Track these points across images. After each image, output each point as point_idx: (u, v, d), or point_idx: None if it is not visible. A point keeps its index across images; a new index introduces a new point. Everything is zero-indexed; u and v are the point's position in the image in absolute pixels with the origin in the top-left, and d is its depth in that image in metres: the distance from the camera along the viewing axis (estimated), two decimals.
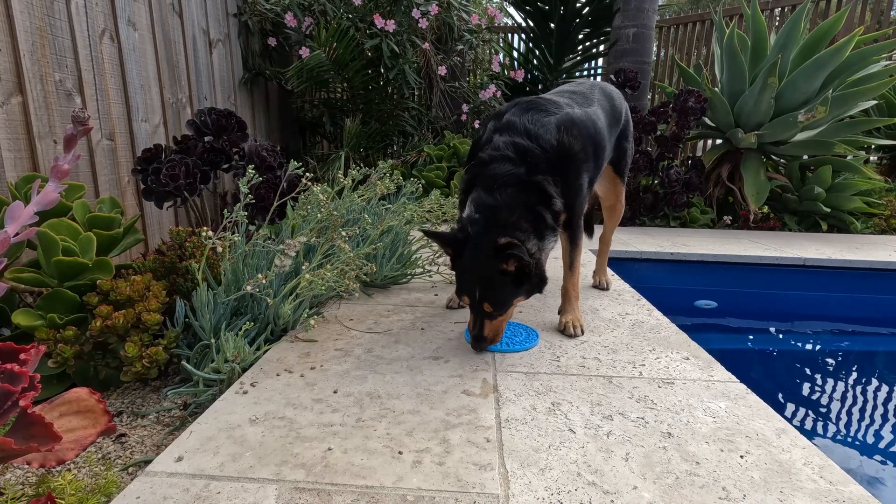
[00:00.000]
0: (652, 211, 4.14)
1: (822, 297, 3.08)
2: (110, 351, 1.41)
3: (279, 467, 0.96)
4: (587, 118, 1.63)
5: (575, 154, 1.50)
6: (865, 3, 5.20)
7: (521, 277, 1.37)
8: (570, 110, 1.57)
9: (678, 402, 1.24)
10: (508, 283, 1.38)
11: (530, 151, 1.44)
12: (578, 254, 1.72)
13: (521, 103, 1.58)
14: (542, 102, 1.57)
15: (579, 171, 1.54)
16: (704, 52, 6.20)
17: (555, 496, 0.89)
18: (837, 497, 0.90)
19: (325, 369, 1.39)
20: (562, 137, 1.48)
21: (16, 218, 0.81)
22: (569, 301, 1.73)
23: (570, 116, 1.55)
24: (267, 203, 1.94)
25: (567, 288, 1.74)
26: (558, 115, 1.52)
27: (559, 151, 1.47)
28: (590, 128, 1.61)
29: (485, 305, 1.38)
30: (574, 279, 1.73)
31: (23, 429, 0.71)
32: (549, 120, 1.50)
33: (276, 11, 3.96)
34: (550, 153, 1.45)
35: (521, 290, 1.41)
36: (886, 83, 3.72)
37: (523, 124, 1.48)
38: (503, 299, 1.40)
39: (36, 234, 1.36)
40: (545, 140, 1.46)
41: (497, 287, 1.37)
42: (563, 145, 1.48)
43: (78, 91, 2.12)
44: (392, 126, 4.53)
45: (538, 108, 1.54)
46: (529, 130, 1.47)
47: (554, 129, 1.48)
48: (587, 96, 1.77)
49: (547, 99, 1.61)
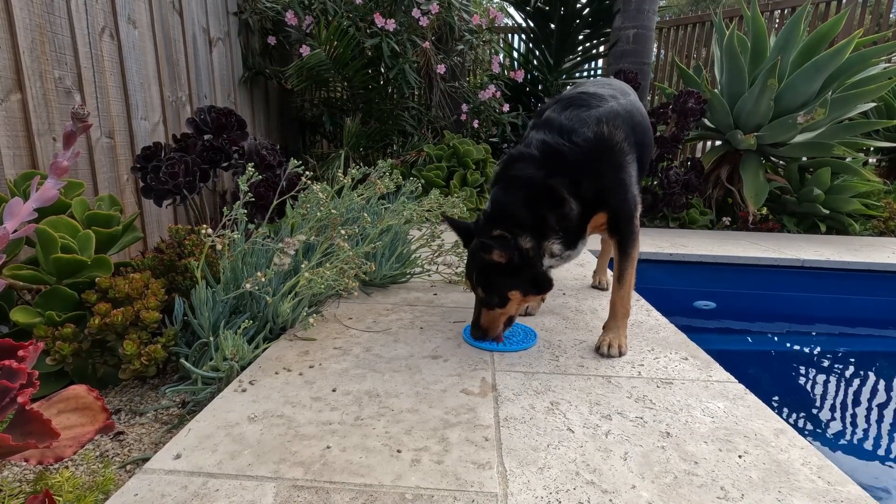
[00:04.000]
0: (651, 212, 4.14)
1: (820, 299, 3.08)
2: (108, 349, 1.41)
3: (278, 465, 0.96)
4: (632, 107, 1.61)
5: (615, 145, 1.45)
6: (865, 6, 5.21)
7: (511, 270, 1.40)
8: (615, 102, 1.55)
9: (677, 401, 1.24)
10: (499, 274, 1.41)
11: (556, 150, 1.42)
12: (630, 266, 1.55)
13: (563, 99, 1.56)
14: (584, 97, 1.54)
15: (620, 164, 1.47)
16: (704, 54, 6.20)
17: (553, 495, 0.89)
18: (836, 497, 0.90)
19: (324, 368, 1.39)
20: (601, 129, 1.44)
21: (15, 214, 0.81)
22: (614, 317, 1.57)
23: (613, 108, 1.51)
24: (266, 201, 1.94)
25: (614, 302, 1.57)
26: (601, 108, 1.49)
27: (596, 143, 1.43)
28: (636, 115, 1.59)
29: (478, 290, 1.45)
30: (623, 293, 1.56)
31: (21, 425, 0.71)
32: (588, 114, 1.47)
33: (277, 10, 3.96)
34: (583, 147, 1.42)
35: (514, 283, 1.41)
36: (885, 85, 3.73)
37: (560, 121, 1.47)
38: (493, 286, 1.43)
39: (34, 231, 1.35)
40: (579, 134, 1.43)
41: (488, 274, 1.42)
42: (601, 136, 1.44)
43: (77, 88, 2.12)
44: (392, 125, 4.53)
45: (579, 103, 1.51)
46: (564, 126, 1.45)
47: (593, 123, 1.44)
48: (623, 88, 1.74)
49: (590, 93, 1.57)
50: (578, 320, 1.82)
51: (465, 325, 1.72)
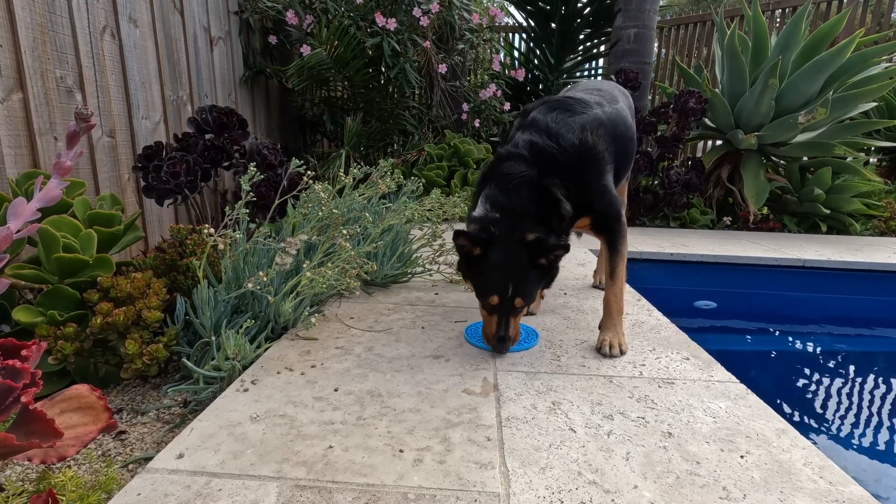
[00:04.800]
0: (652, 211, 4.14)
1: (821, 299, 3.08)
2: (110, 348, 1.41)
3: (280, 465, 0.96)
4: (617, 116, 1.61)
5: (598, 154, 1.48)
6: (866, 6, 5.21)
7: (547, 271, 1.42)
8: (599, 110, 1.56)
9: (678, 401, 1.24)
10: (537, 277, 1.42)
11: (546, 152, 1.43)
12: (621, 262, 1.57)
13: (550, 102, 1.57)
14: (570, 102, 1.55)
15: (601, 171, 1.51)
16: (705, 53, 6.20)
17: (555, 495, 0.89)
18: (837, 497, 0.90)
19: (326, 367, 1.39)
20: (585, 137, 1.46)
21: (18, 214, 0.81)
22: (610, 315, 1.57)
23: (597, 116, 1.53)
24: (268, 201, 1.94)
25: (608, 299, 1.57)
26: (585, 115, 1.51)
27: (581, 151, 1.45)
28: (619, 126, 1.60)
29: (516, 301, 1.39)
30: (616, 289, 1.56)
31: (24, 425, 0.71)
32: (573, 120, 1.48)
33: (278, 9, 3.95)
34: (570, 153, 1.44)
35: (542, 282, 1.46)
36: (886, 85, 3.72)
37: (546, 123, 1.47)
38: (533, 292, 1.45)
39: (37, 230, 1.35)
40: (566, 139, 1.44)
41: (528, 281, 1.41)
42: (585, 145, 1.46)
43: (79, 88, 2.12)
44: (392, 125, 4.53)
45: (565, 107, 1.52)
46: (551, 129, 1.46)
47: (578, 129, 1.46)
48: (613, 95, 1.75)
49: (576, 98, 1.58)
50: (580, 320, 1.82)
51: (466, 324, 1.73)
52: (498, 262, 1.38)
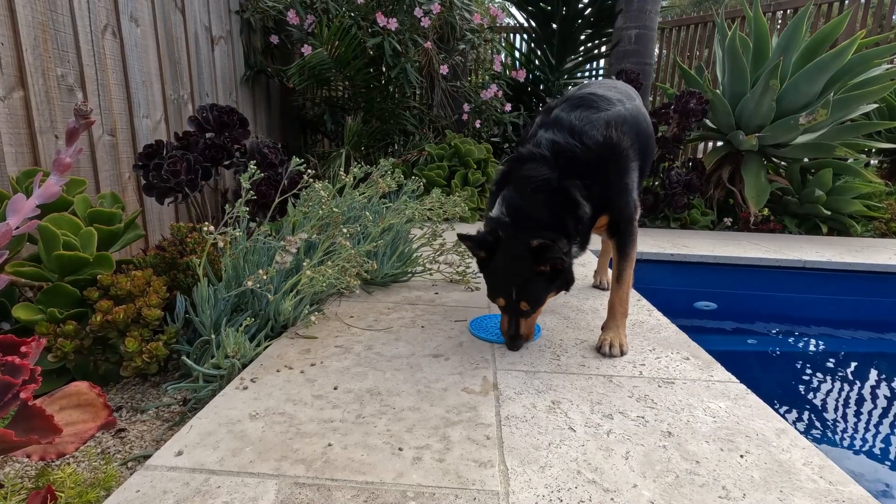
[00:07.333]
0: (652, 212, 4.14)
1: (821, 300, 3.08)
2: (110, 346, 1.41)
3: (279, 462, 0.96)
4: (638, 113, 1.61)
5: (623, 150, 1.46)
6: (867, 7, 5.21)
7: (553, 275, 1.40)
8: (621, 107, 1.55)
9: (678, 401, 1.24)
10: (543, 281, 1.40)
11: (568, 151, 1.41)
12: (629, 266, 1.56)
13: (573, 98, 1.55)
14: (594, 98, 1.53)
15: (625, 169, 1.49)
16: (706, 54, 6.20)
17: (555, 493, 0.89)
18: (837, 497, 0.90)
19: (326, 366, 1.39)
20: (610, 133, 1.44)
21: (18, 211, 0.81)
22: (613, 317, 1.57)
23: (621, 113, 1.52)
24: (268, 200, 1.94)
25: (613, 302, 1.57)
26: (609, 112, 1.49)
27: (605, 147, 1.43)
28: (641, 122, 1.59)
29: (522, 304, 1.41)
30: (622, 293, 1.56)
31: (23, 421, 0.71)
32: (598, 116, 1.47)
33: (279, 9, 3.96)
34: (594, 151, 1.42)
35: (552, 286, 1.43)
36: (887, 87, 3.72)
37: (570, 121, 1.46)
38: (538, 296, 1.43)
39: (37, 228, 1.35)
40: (590, 137, 1.42)
41: (533, 286, 1.40)
42: (610, 141, 1.44)
43: (79, 86, 2.12)
44: (393, 125, 4.53)
45: (589, 104, 1.51)
46: (574, 127, 1.44)
47: (602, 126, 1.44)
48: (629, 93, 1.74)
49: (599, 95, 1.57)
50: (580, 320, 1.82)
51: (466, 323, 1.72)
52: (503, 266, 1.41)
